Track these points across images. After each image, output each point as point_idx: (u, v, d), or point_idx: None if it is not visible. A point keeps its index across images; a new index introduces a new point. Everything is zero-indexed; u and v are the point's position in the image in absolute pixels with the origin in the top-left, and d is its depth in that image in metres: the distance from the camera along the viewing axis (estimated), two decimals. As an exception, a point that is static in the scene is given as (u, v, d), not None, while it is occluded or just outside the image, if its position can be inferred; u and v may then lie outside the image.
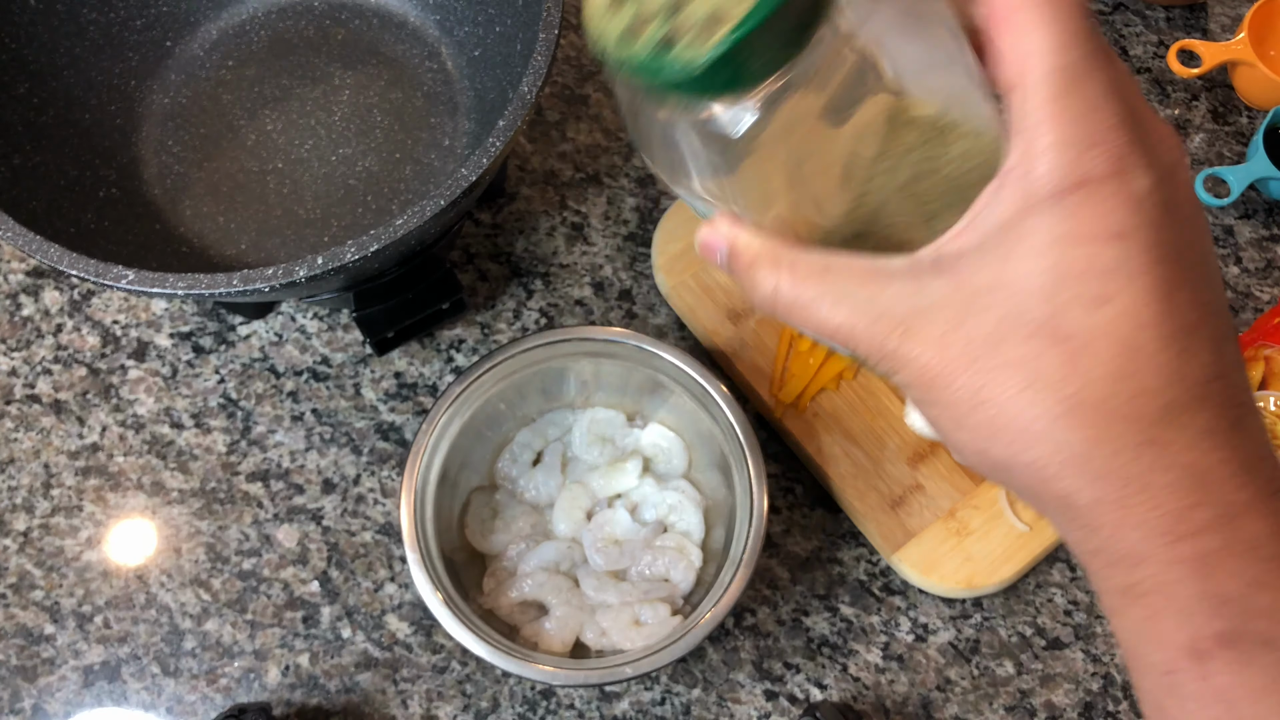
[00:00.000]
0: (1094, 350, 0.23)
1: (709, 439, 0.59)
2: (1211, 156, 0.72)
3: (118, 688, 0.60)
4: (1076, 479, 0.24)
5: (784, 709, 0.60)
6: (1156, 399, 0.23)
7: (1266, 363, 0.56)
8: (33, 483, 0.64)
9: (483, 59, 0.67)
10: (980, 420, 0.24)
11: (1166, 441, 0.23)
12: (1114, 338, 0.23)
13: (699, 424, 0.59)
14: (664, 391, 0.60)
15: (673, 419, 0.62)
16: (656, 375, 0.59)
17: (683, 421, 0.61)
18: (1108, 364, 0.23)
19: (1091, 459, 0.24)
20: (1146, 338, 0.23)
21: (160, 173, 0.67)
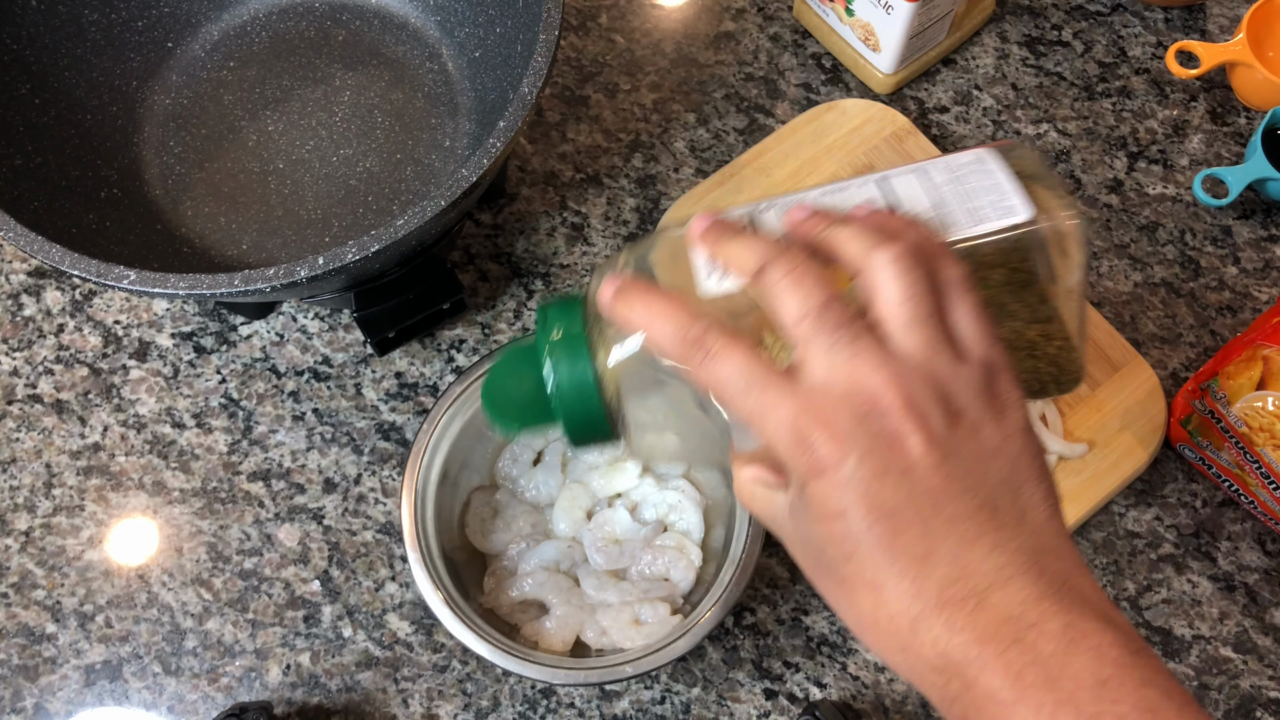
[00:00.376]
0: (855, 590, 0.32)
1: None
2: (1210, 157, 0.72)
3: (119, 687, 0.61)
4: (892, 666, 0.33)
5: (784, 708, 0.60)
6: (903, 618, 0.31)
7: (1265, 363, 0.56)
8: (34, 482, 0.64)
9: (483, 60, 0.68)
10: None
11: (916, 646, 0.31)
12: (863, 581, 0.32)
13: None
14: (664, 391, 0.60)
15: (673, 419, 0.62)
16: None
17: (682, 421, 0.61)
18: (866, 599, 0.32)
19: (881, 657, 0.33)
20: (884, 576, 0.31)
21: (161, 173, 0.67)
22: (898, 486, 0.31)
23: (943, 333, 0.33)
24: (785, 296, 0.33)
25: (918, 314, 0.32)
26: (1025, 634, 0.30)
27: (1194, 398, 0.60)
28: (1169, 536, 0.63)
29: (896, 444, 0.31)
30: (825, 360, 0.32)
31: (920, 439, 0.31)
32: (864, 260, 0.33)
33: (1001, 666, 0.30)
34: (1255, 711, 0.60)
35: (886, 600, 0.31)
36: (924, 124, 0.73)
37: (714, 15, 0.77)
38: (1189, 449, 0.63)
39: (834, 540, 0.32)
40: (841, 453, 0.31)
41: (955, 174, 0.37)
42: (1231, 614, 0.62)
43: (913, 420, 0.31)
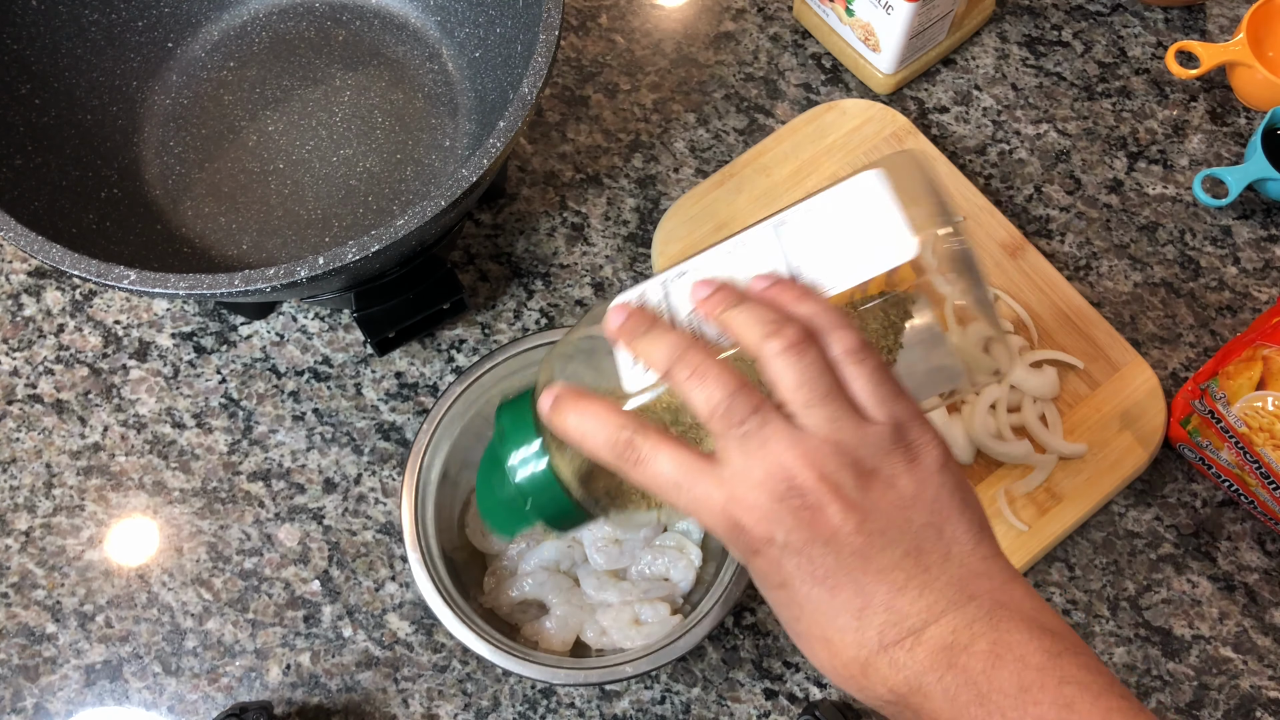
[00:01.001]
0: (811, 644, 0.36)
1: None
2: (1210, 157, 0.72)
3: (119, 687, 0.61)
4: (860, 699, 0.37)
5: (783, 708, 0.60)
6: (854, 664, 0.35)
7: (1265, 363, 0.56)
8: (34, 482, 0.64)
9: (483, 60, 0.68)
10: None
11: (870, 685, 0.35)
12: (814, 636, 0.35)
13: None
14: (664, 391, 0.60)
15: (672, 419, 0.62)
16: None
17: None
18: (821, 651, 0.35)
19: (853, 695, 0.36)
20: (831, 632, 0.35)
21: (162, 173, 0.67)
22: (825, 553, 0.34)
23: (843, 404, 0.35)
24: (694, 394, 0.35)
25: (814, 395, 0.35)
26: (957, 658, 0.33)
27: (1194, 398, 0.60)
28: (1169, 536, 0.63)
29: (817, 515, 0.34)
30: (740, 449, 0.35)
31: (838, 507, 0.34)
32: (759, 349, 0.36)
33: (939, 692, 0.33)
34: (1255, 711, 0.60)
35: (837, 651, 0.35)
36: (924, 124, 0.73)
37: (714, 15, 0.77)
38: (1189, 449, 0.63)
39: (783, 604, 0.36)
40: (769, 532, 0.34)
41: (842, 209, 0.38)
42: (1231, 614, 0.62)
43: (828, 491, 0.34)
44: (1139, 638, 0.61)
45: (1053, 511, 0.62)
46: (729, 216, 0.68)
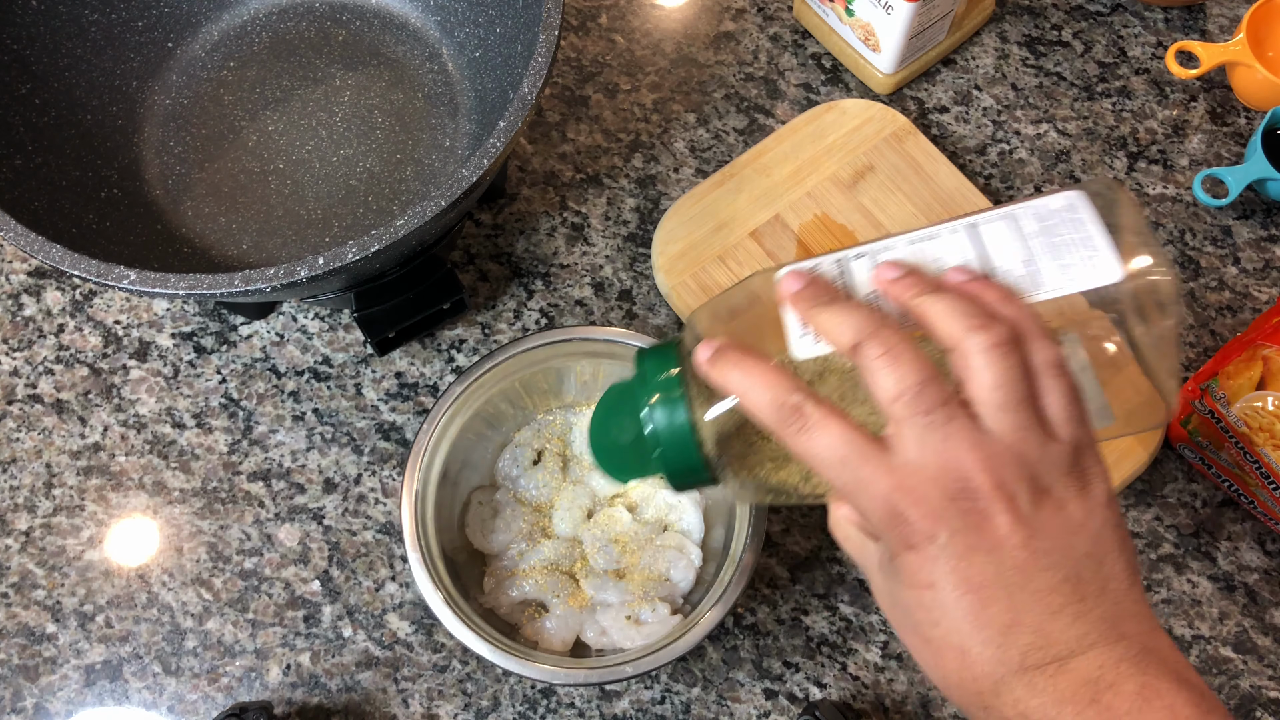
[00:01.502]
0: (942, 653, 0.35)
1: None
2: (1210, 157, 0.72)
3: (119, 687, 0.61)
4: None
5: (783, 708, 0.60)
6: (987, 680, 0.33)
7: (1265, 363, 0.56)
8: (34, 482, 0.64)
9: (483, 60, 0.68)
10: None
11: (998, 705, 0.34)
12: (950, 645, 0.34)
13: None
14: (664, 391, 0.60)
15: (673, 419, 0.62)
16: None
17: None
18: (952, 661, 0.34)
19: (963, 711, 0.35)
20: (971, 644, 0.34)
21: (162, 173, 0.67)
22: (986, 563, 0.33)
23: (1033, 416, 0.34)
24: (881, 375, 0.34)
25: (1010, 400, 0.34)
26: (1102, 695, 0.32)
27: (1194, 398, 0.60)
28: (1169, 536, 0.63)
29: (985, 523, 0.33)
30: (919, 440, 0.34)
31: (1008, 519, 0.33)
32: (959, 342, 0.34)
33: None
34: (1255, 711, 0.60)
35: (972, 663, 0.34)
36: (924, 124, 0.73)
37: (714, 15, 0.77)
38: (1189, 449, 0.63)
39: (923, 606, 0.34)
40: (933, 530, 0.33)
41: (1045, 223, 0.37)
42: (1231, 614, 0.62)
43: (1001, 500, 0.33)
44: (1139, 638, 0.61)
45: (1053, 511, 0.62)
46: (729, 216, 0.68)
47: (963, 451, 0.33)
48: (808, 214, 0.69)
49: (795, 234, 0.68)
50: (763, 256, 0.67)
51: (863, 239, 0.68)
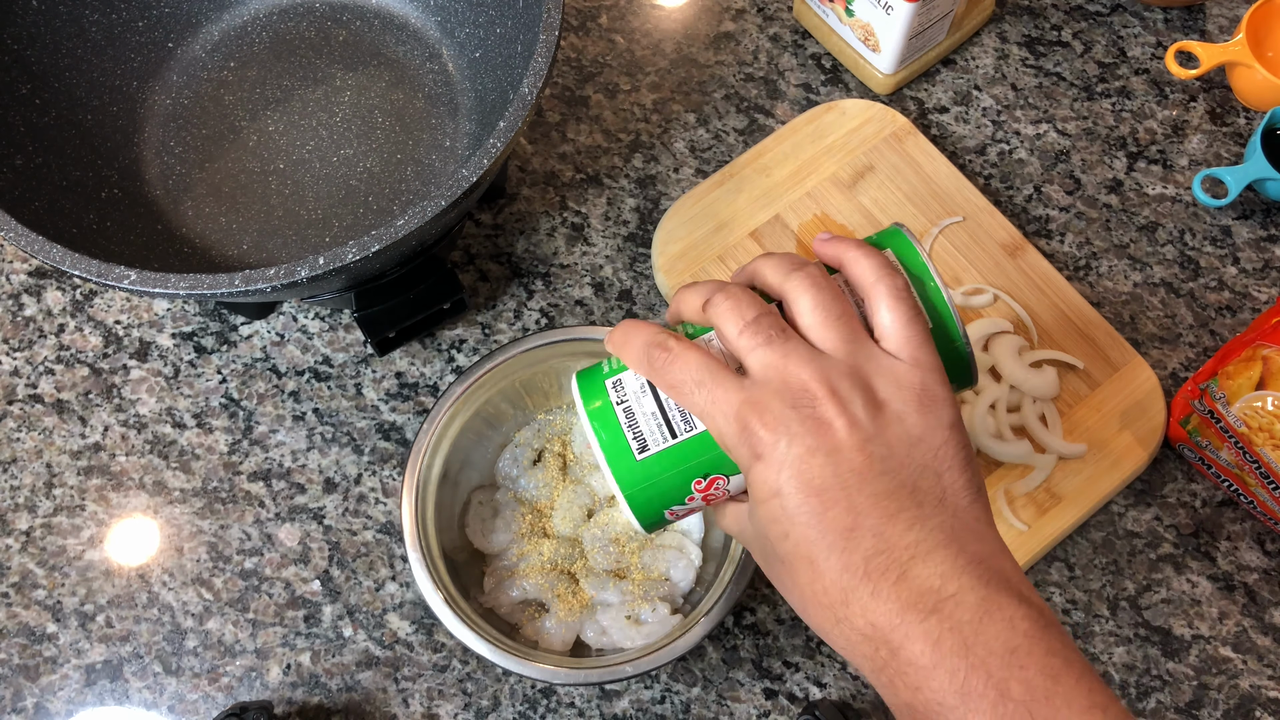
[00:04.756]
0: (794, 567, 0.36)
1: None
2: (1209, 157, 0.72)
3: (120, 686, 0.61)
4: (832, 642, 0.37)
5: (783, 707, 0.60)
6: (835, 589, 0.35)
7: (1265, 363, 0.56)
8: (35, 482, 0.65)
9: (483, 60, 0.68)
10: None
11: (849, 616, 0.35)
12: (800, 556, 0.36)
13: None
14: (664, 391, 0.60)
15: (672, 419, 0.62)
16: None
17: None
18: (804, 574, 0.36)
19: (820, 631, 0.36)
20: (817, 551, 0.35)
21: (162, 173, 0.67)
22: (824, 465, 0.35)
23: (858, 330, 0.37)
24: (726, 317, 0.38)
25: (829, 316, 0.37)
26: (943, 604, 0.34)
27: (1193, 398, 0.60)
28: (1168, 536, 0.63)
29: (823, 426, 0.35)
30: (761, 361, 0.37)
31: (844, 422, 0.35)
32: (782, 284, 0.39)
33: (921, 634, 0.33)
34: (1255, 711, 0.60)
35: (821, 573, 0.35)
36: (924, 124, 0.73)
37: (714, 15, 0.77)
38: (1188, 449, 0.63)
39: (773, 519, 0.36)
40: (775, 436, 0.35)
41: None
42: (1231, 614, 0.62)
43: (836, 405, 0.35)
44: (1139, 637, 0.61)
45: (1052, 511, 0.62)
46: (729, 216, 0.68)
47: (799, 365, 0.36)
48: (807, 214, 0.69)
49: (795, 234, 0.68)
50: (763, 256, 0.67)
51: (862, 239, 0.68)
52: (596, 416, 0.40)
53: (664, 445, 0.39)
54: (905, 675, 0.34)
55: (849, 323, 0.37)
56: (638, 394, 0.40)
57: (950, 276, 0.67)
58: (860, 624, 0.35)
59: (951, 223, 0.68)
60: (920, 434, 0.36)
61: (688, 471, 0.40)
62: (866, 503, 0.35)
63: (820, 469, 0.35)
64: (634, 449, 0.39)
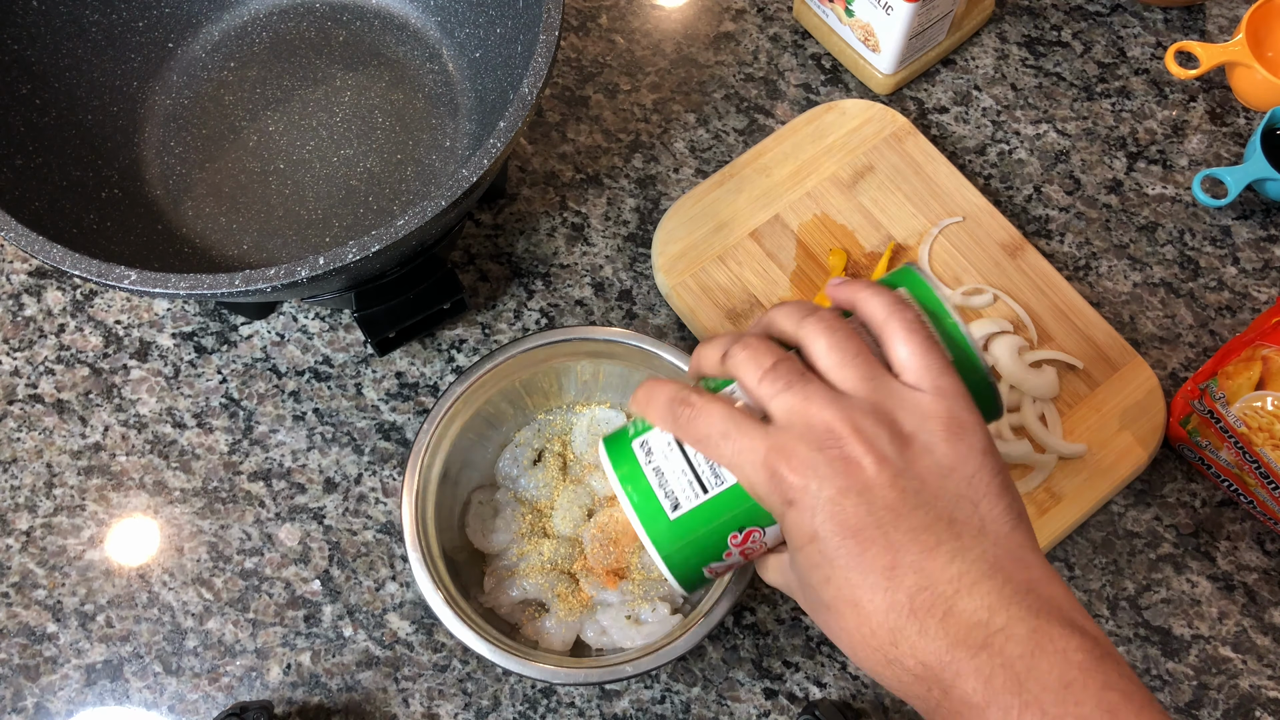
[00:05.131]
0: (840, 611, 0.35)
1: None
2: (1209, 157, 0.72)
3: (120, 686, 0.61)
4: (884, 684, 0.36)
5: (784, 707, 0.60)
6: (882, 630, 0.34)
7: (1265, 363, 0.56)
8: (35, 482, 0.65)
9: (484, 60, 0.68)
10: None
11: (899, 656, 0.34)
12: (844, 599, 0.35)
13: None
14: (664, 391, 0.60)
15: (672, 419, 0.62)
16: (656, 375, 0.59)
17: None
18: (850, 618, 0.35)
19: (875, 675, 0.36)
20: (860, 593, 0.35)
21: (162, 173, 0.67)
22: (858, 504, 0.35)
23: (876, 368, 0.37)
24: (745, 367, 0.38)
25: (845, 356, 0.37)
26: (993, 638, 0.33)
27: (1193, 398, 0.60)
28: (1168, 536, 0.63)
29: (852, 466, 0.35)
30: (783, 405, 0.37)
31: (872, 459, 0.35)
32: (796, 331, 0.39)
33: (972, 670, 0.33)
34: (1255, 711, 0.60)
35: (867, 615, 0.35)
36: (924, 124, 0.73)
37: (714, 15, 0.77)
38: (1188, 449, 0.63)
39: (813, 565, 0.36)
40: (804, 480, 0.35)
41: None
42: (1231, 614, 0.62)
43: (862, 443, 0.35)
44: (1138, 637, 0.61)
45: (1052, 511, 0.62)
46: (729, 216, 0.68)
47: (820, 407, 0.36)
48: (807, 214, 0.69)
49: (795, 234, 0.68)
50: (762, 256, 0.67)
51: (862, 239, 0.68)
52: (627, 479, 0.40)
53: (696, 502, 0.39)
54: (960, 715, 0.33)
55: (866, 360, 0.37)
56: (665, 452, 0.40)
57: (950, 276, 0.67)
58: (911, 664, 0.34)
59: (951, 223, 0.68)
60: (952, 463, 0.36)
61: (723, 526, 0.39)
62: (904, 538, 0.34)
63: (854, 509, 0.35)
64: (667, 508, 0.39)
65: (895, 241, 0.68)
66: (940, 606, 0.33)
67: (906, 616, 0.34)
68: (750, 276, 0.67)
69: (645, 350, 0.58)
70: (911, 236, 0.68)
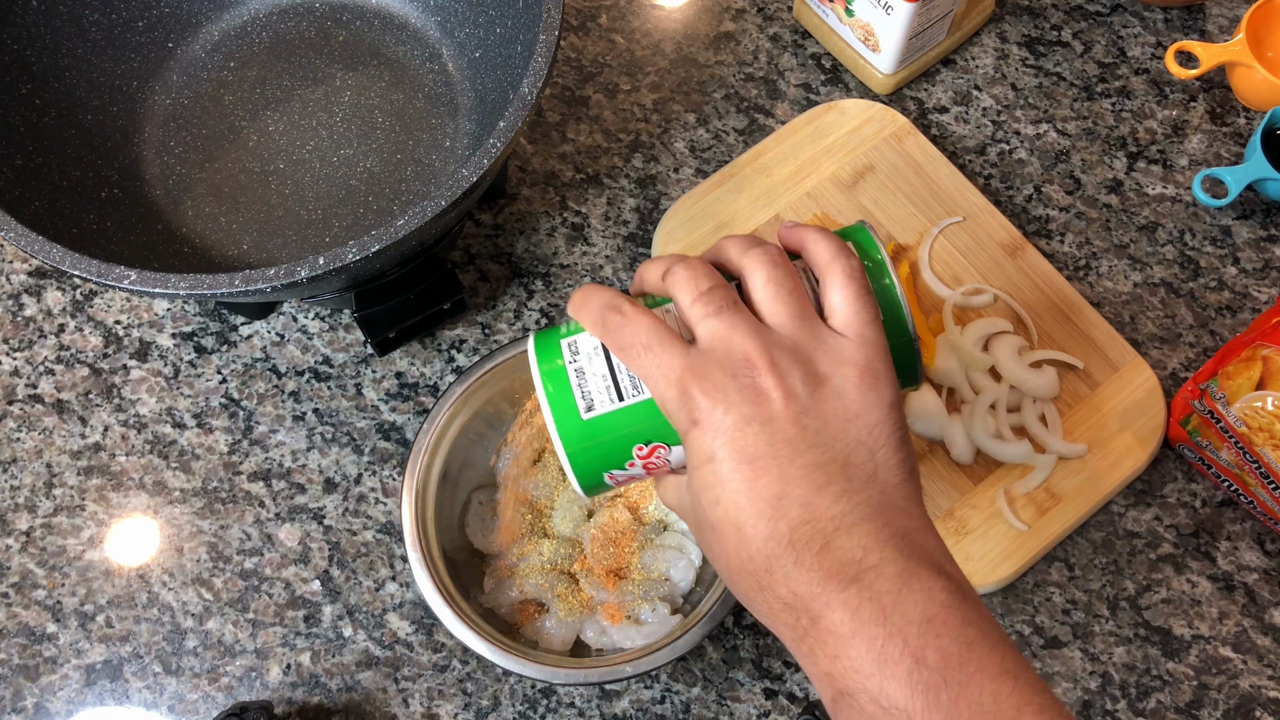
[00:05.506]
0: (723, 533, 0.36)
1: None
2: (1209, 157, 0.72)
3: (120, 686, 0.61)
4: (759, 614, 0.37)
5: (783, 707, 0.60)
6: (760, 557, 0.35)
7: (1265, 363, 0.56)
8: (35, 482, 0.65)
9: (483, 60, 0.68)
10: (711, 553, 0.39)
11: (772, 584, 0.36)
12: (729, 522, 0.36)
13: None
14: (664, 391, 0.60)
15: (672, 419, 0.62)
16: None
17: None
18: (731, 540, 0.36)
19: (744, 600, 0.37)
20: (745, 518, 0.36)
21: (162, 173, 0.67)
22: (759, 434, 0.36)
23: (806, 307, 0.38)
24: (681, 286, 0.39)
25: (779, 291, 0.38)
26: (864, 575, 0.34)
27: (1193, 398, 0.60)
28: (1168, 536, 0.63)
29: (761, 397, 0.36)
30: (709, 330, 0.37)
31: (781, 394, 0.36)
32: (739, 259, 0.40)
33: (841, 603, 0.34)
34: (1255, 711, 0.60)
35: (748, 539, 0.36)
36: (924, 124, 0.73)
37: (714, 15, 0.77)
38: (1188, 449, 0.63)
39: (706, 485, 0.37)
40: (712, 403, 0.36)
41: None
42: (1231, 614, 0.62)
43: (774, 377, 0.36)
44: (1138, 637, 0.61)
45: (1053, 511, 0.62)
46: (729, 216, 0.68)
47: (743, 336, 0.37)
48: (807, 214, 0.69)
49: (795, 234, 0.68)
50: (763, 256, 0.67)
51: (862, 239, 0.68)
52: (548, 375, 0.41)
53: (610, 408, 0.40)
54: (825, 644, 0.34)
55: (799, 299, 0.38)
56: (590, 355, 0.41)
57: (950, 276, 0.67)
58: (783, 592, 0.35)
59: (951, 223, 0.68)
60: (858, 410, 0.37)
61: (631, 436, 0.40)
62: (797, 473, 0.35)
63: (754, 438, 0.36)
64: (581, 408, 0.40)
65: (895, 241, 0.68)
66: (819, 541, 0.35)
67: (785, 546, 0.35)
68: (750, 276, 0.67)
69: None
70: (911, 236, 0.68)
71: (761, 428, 0.36)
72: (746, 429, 0.36)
